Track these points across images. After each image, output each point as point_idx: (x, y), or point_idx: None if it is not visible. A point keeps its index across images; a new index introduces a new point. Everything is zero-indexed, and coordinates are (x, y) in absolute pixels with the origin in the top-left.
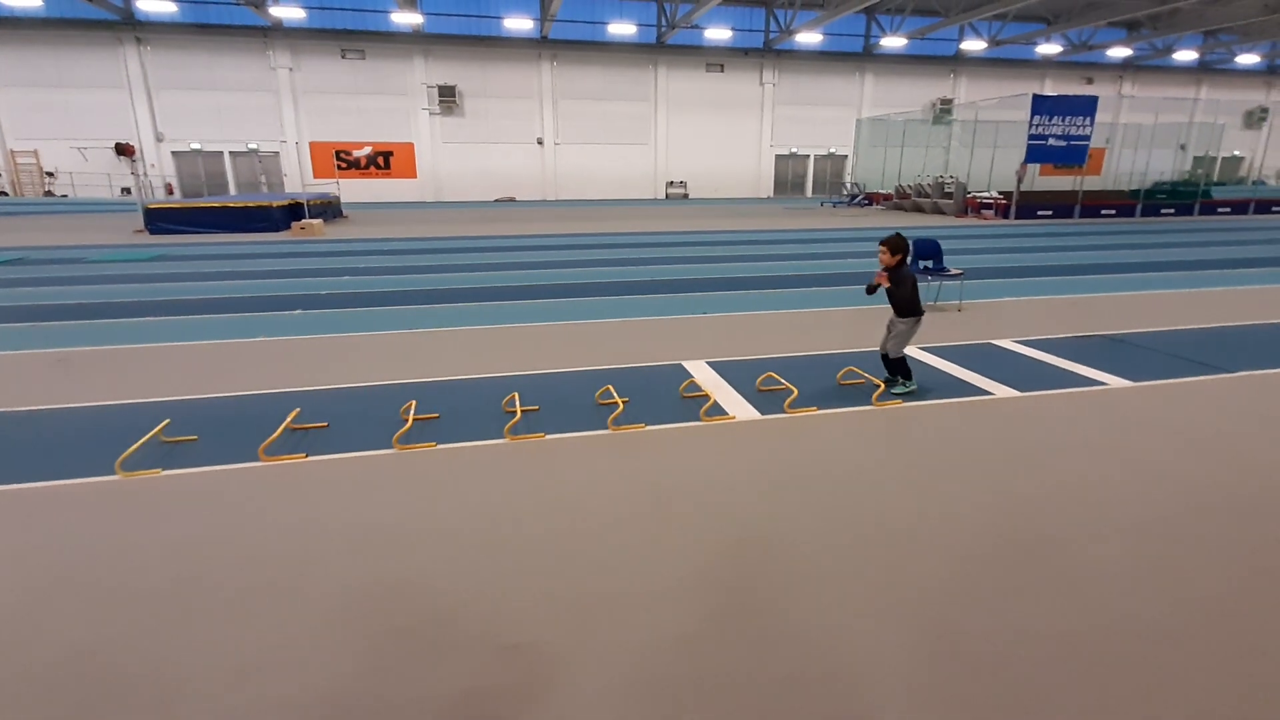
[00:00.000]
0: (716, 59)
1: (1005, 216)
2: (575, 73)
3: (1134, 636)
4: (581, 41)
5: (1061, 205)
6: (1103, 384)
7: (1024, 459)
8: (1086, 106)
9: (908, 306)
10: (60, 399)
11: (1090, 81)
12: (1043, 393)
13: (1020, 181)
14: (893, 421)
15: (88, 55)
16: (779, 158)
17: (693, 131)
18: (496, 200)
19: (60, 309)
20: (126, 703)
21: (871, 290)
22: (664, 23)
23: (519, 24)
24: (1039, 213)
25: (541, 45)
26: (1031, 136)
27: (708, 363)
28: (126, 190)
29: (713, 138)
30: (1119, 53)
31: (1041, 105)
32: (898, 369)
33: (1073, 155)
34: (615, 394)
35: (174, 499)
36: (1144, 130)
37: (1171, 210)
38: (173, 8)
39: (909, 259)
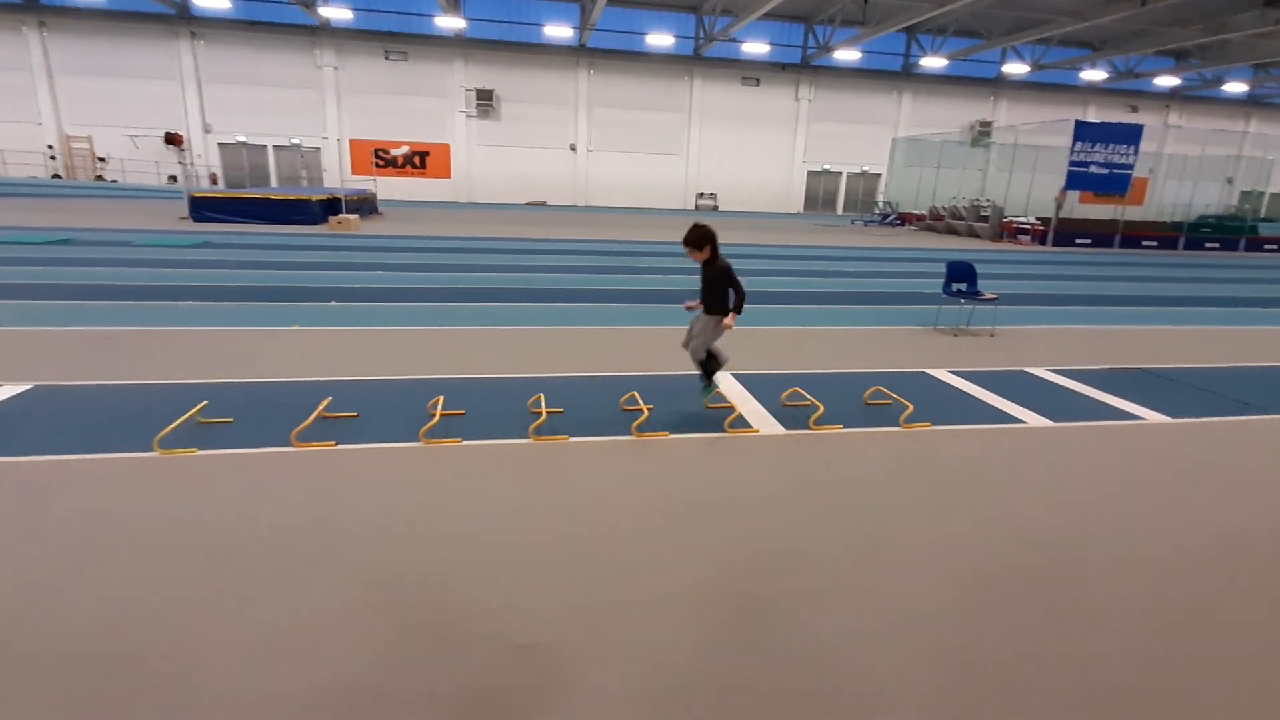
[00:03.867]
0: (752, 73)
1: (1042, 243)
2: (611, 81)
3: (1154, 671)
4: (619, 51)
5: (1101, 234)
6: (1139, 418)
7: (1053, 489)
8: (1131, 135)
9: (718, 303)
10: (103, 376)
11: (1135, 109)
12: (1076, 424)
13: (1059, 208)
14: (919, 444)
15: (143, 47)
16: (811, 174)
17: (725, 144)
18: (527, 204)
19: (106, 289)
20: (148, 675)
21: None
22: (702, 35)
23: (559, 31)
24: (1077, 241)
25: (579, 53)
26: (1072, 163)
27: (732, 375)
28: (173, 178)
29: (745, 151)
30: (1166, 82)
31: (1084, 132)
32: (704, 368)
33: (1115, 184)
34: (640, 400)
35: (209, 478)
36: (1189, 162)
37: (1216, 245)
38: (227, 4)
39: (717, 251)
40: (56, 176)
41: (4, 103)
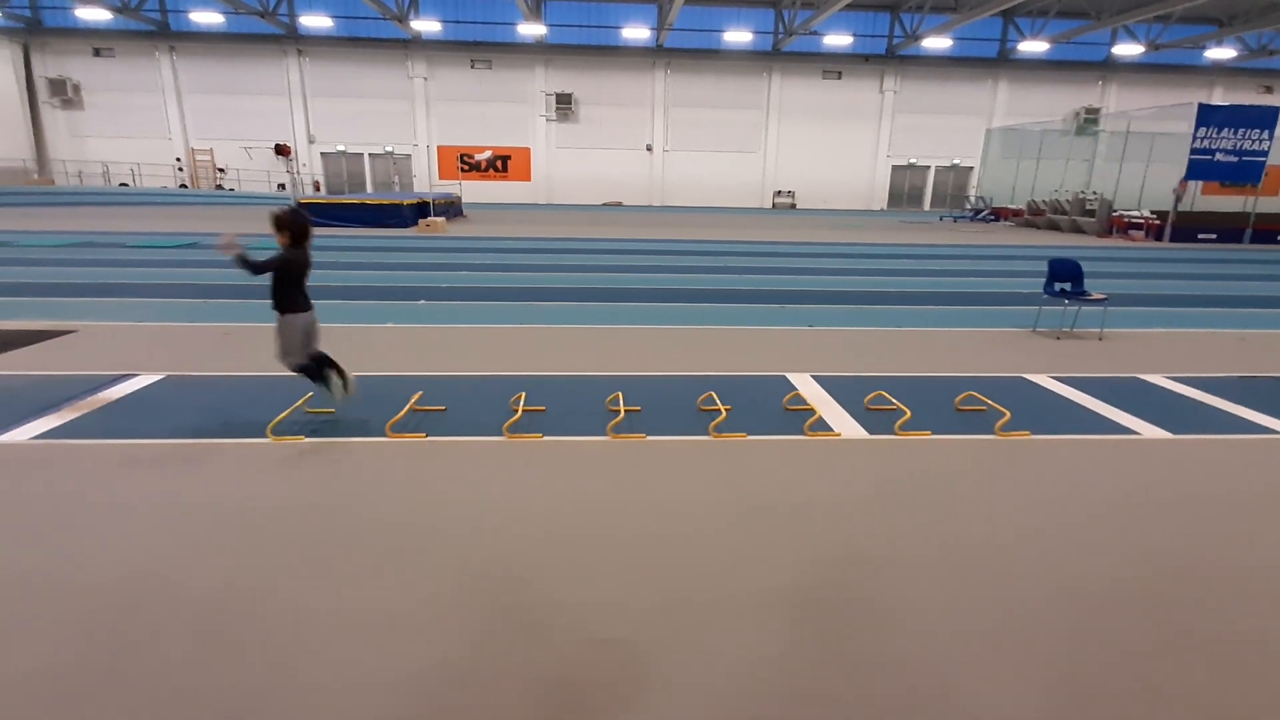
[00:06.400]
0: (834, 66)
1: (1158, 238)
2: (688, 80)
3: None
4: (696, 50)
5: (1228, 229)
6: (1276, 432)
7: (1173, 507)
8: (1265, 118)
9: (274, 300)
10: (223, 368)
11: (1269, 90)
12: (1199, 437)
13: (1178, 200)
14: (1019, 454)
15: (257, 65)
16: (896, 169)
17: (804, 140)
18: (604, 204)
19: (224, 288)
20: (265, 641)
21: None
22: (781, 30)
23: (636, 33)
24: (1199, 236)
25: (656, 54)
26: (1194, 151)
27: (813, 376)
28: (281, 186)
29: (825, 147)
30: None
31: (1209, 116)
32: (314, 373)
33: (1246, 173)
34: (718, 400)
35: (315, 464)
36: None
37: None
38: (329, 23)
39: (305, 241)
40: (183, 186)
41: (141, 121)
